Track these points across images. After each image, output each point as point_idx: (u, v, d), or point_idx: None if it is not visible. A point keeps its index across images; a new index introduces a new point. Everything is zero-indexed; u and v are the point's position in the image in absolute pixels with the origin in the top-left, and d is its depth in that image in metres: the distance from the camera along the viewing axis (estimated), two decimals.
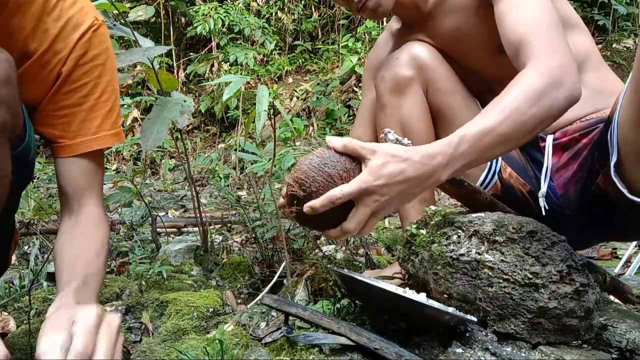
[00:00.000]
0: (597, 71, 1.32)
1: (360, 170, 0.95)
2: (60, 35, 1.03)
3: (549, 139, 1.32)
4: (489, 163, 1.33)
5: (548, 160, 1.31)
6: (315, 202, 0.92)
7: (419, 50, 1.35)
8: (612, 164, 1.04)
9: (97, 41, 1.08)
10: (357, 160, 0.97)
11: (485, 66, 1.35)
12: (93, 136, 1.08)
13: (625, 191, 1.03)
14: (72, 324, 0.74)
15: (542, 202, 1.29)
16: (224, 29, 5.93)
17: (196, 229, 2.35)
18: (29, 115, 1.03)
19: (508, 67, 1.11)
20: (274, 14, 6.26)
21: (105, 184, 1.39)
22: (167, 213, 3.02)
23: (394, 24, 1.56)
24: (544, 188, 1.30)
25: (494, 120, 0.96)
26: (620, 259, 2.03)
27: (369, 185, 0.92)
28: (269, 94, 1.39)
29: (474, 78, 1.39)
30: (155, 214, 2.05)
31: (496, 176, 1.33)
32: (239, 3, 6.08)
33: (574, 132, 1.28)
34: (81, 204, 1.08)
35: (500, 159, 1.34)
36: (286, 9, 6.24)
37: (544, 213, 1.27)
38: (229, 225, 2.34)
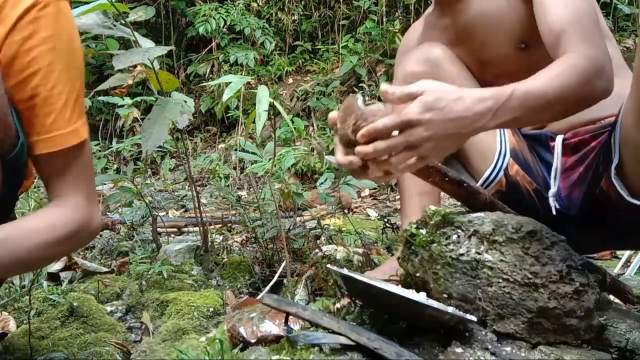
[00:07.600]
0: (618, 77, 1.31)
1: None
2: None
3: (559, 139, 1.31)
4: (495, 158, 1.33)
5: (557, 160, 1.30)
6: (362, 132, 0.87)
7: (434, 50, 1.36)
8: (613, 166, 1.04)
9: (45, 22, 0.90)
10: None
11: (503, 59, 1.34)
12: (46, 135, 0.93)
13: (624, 194, 1.02)
14: None
15: (552, 202, 1.28)
16: (225, 29, 5.93)
17: (196, 228, 2.35)
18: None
19: (525, 64, 1.11)
20: (274, 14, 6.26)
21: (105, 184, 1.39)
22: (167, 213, 3.02)
23: (430, 8, 1.54)
24: (554, 188, 1.29)
25: (544, 84, 0.98)
26: (620, 259, 2.03)
27: (413, 117, 0.87)
28: (269, 94, 1.40)
29: (489, 75, 1.38)
30: (156, 214, 2.05)
31: (502, 172, 1.32)
32: (239, 3, 6.07)
33: (585, 133, 1.28)
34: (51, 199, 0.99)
35: (508, 155, 1.33)
36: (286, 10, 6.24)
37: (554, 212, 1.26)
38: (229, 225, 2.34)
